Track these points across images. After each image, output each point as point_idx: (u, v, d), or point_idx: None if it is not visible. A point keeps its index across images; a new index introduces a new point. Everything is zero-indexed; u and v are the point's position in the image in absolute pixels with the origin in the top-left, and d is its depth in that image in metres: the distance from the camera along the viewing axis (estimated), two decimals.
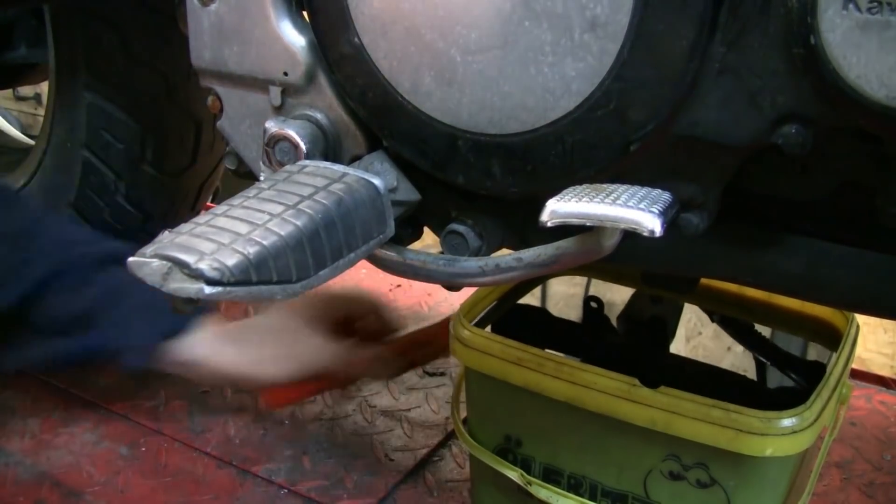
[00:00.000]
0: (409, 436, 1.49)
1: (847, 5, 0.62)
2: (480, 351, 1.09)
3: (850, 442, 1.49)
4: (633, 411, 1.00)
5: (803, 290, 0.86)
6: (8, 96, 3.31)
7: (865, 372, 1.74)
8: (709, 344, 1.30)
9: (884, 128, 0.66)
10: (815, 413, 0.97)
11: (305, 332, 1.20)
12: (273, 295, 0.72)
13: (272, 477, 1.38)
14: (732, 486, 1.00)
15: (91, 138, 1.62)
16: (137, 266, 0.69)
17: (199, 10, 0.92)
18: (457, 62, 0.80)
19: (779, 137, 0.70)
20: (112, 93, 1.60)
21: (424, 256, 0.89)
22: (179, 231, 0.72)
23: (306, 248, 0.74)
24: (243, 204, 0.77)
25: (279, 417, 1.54)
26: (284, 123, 0.88)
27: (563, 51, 0.75)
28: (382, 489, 1.36)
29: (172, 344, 1.18)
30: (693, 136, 0.74)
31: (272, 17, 0.89)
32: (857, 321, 1.16)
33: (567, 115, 0.77)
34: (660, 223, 0.68)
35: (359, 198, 0.80)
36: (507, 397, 1.11)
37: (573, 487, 1.10)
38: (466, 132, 0.83)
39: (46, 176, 1.72)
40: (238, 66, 0.92)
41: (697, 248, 0.87)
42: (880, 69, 0.62)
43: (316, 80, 0.89)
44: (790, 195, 0.82)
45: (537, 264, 0.82)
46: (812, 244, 0.84)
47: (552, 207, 0.71)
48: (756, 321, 1.29)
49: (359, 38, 0.84)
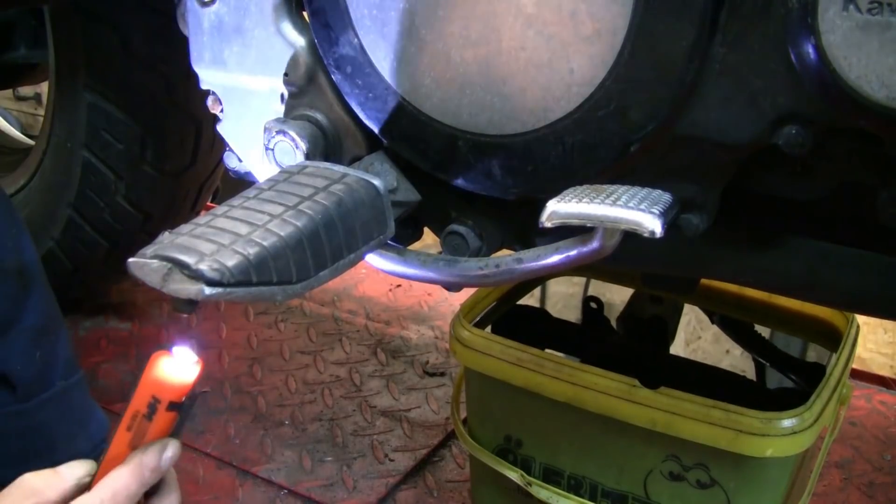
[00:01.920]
0: (409, 436, 1.49)
1: (847, 6, 0.62)
2: (480, 351, 1.09)
3: (850, 442, 1.49)
4: (634, 412, 1.00)
5: (803, 290, 0.86)
6: (8, 96, 3.31)
7: (865, 372, 1.74)
8: (708, 347, 1.30)
9: (884, 128, 0.66)
10: (816, 413, 0.97)
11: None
12: (273, 295, 0.71)
13: (272, 477, 1.39)
14: (732, 486, 1.00)
15: (91, 138, 1.62)
16: (137, 267, 0.68)
17: (199, 10, 0.92)
18: (457, 63, 0.80)
19: (779, 138, 0.70)
20: (112, 93, 1.60)
21: (424, 257, 0.89)
22: (179, 232, 0.72)
23: (306, 249, 0.73)
24: (243, 205, 0.77)
25: (279, 418, 1.54)
26: (284, 124, 0.88)
27: (564, 51, 0.75)
28: (382, 489, 1.36)
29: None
30: (693, 137, 0.74)
31: (272, 18, 0.89)
32: (857, 321, 1.16)
33: (567, 115, 0.77)
34: (660, 224, 0.68)
35: (359, 198, 0.80)
36: (507, 398, 1.11)
37: (573, 488, 1.10)
38: (466, 133, 0.82)
39: (46, 176, 1.72)
40: (238, 66, 0.92)
41: (697, 248, 0.87)
42: (880, 70, 0.62)
43: (316, 80, 0.89)
44: (790, 195, 0.82)
45: (537, 265, 0.81)
46: (812, 245, 0.84)
47: (552, 208, 0.71)
48: (756, 322, 1.29)
49: (359, 39, 0.84)
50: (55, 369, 1.01)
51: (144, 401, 0.74)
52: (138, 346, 1.78)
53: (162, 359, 0.74)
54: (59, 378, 1.01)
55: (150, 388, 0.74)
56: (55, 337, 1.02)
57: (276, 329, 1.84)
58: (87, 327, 1.85)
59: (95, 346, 1.77)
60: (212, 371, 1.67)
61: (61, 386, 1.01)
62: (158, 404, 0.74)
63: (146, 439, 0.75)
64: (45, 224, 1.72)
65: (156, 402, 0.74)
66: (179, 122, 1.67)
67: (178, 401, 0.74)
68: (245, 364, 1.71)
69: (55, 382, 1.00)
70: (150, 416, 0.74)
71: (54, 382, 1.00)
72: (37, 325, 1.00)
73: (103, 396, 1.54)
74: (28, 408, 0.98)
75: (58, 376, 1.01)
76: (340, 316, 1.90)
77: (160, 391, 0.74)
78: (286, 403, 1.58)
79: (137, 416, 0.75)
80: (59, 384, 1.01)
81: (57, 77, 1.66)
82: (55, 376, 1.01)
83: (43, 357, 1.00)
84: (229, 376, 1.67)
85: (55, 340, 1.02)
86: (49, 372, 1.00)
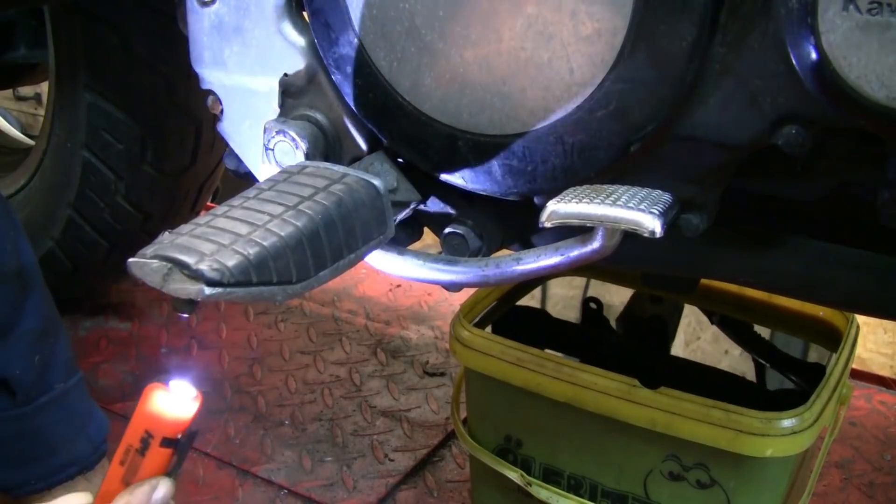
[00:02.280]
0: (409, 436, 1.49)
1: (847, 6, 0.62)
2: (480, 351, 1.09)
3: (850, 442, 1.49)
4: (633, 412, 1.00)
5: (803, 290, 0.86)
6: (8, 96, 3.31)
7: (865, 372, 1.74)
8: (707, 347, 1.30)
9: (884, 128, 0.66)
10: (816, 413, 0.97)
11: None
12: (273, 296, 0.71)
13: (272, 477, 1.39)
14: (732, 486, 1.00)
15: (91, 138, 1.62)
16: (138, 267, 0.68)
17: (199, 10, 0.92)
18: (457, 62, 0.80)
19: (779, 138, 0.70)
20: (112, 93, 1.60)
21: (424, 257, 0.89)
22: (179, 232, 0.72)
23: (306, 249, 0.73)
24: (243, 205, 0.77)
25: (279, 418, 1.54)
26: (284, 124, 0.88)
27: (563, 51, 0.75)
28: (382, 489, 1.36)
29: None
30: (693, 137, 0.74)
31: (272, 18, 0.89)
32: (857, 321, 1.16)
33: (567, 115, 0.77)
34: (660, 224, 0.68)
35: (359, 198, 0.80)
36: (507, 398, 1.11)
37: (573, 488, 1.10)
38: (466, 133, 0.82)
39: (46, 176, 1.72)
40: (238, 66, 0.92)
41: (697, 248, 0.87)
42: (880, 70, 0.62)
43: (316, 80, 0.89)
44: (790, 195, 0.82)
45: (537, 265, 0.81)
46: (812, 245, 0.84)
47: (552, 208, 0.71)
48: (756, 322, 1.29)
49: (359, 39, 0.84)
50: (54, 372, 1.01)
51: (137, 435, 0.71)
52: (138, 346, 1.78)
53: (157, 392, 0.70)
54: (58, 381, 1.01)
55: (143, 422, 0.71)
56: (54, 340, 1.02)
57: (276, 329, 1.84)
58: (87, 327, 1.85)
59: (95, 346, 1.77)
60: (212, 371, 1.67)
61: (60, 389, 1.01)
62: (151, 440, 0.70)
63: (139, 476, 0.71)
64: (45, 224, 1.72)
65: (149, 438, 0.70)
66: (179, 122, 1.67)
67: (173, 437, 0.71)
68: (245, 364, 1.71)
69: (54, 385, 1.00)
70: (142, 451, 0.71)
71: (53, 385, 1.00)
72: (36, 328, 1.00)
73: (103, 396, 1.54)
74: (27, 412, 0.98)
75: (57, 379, 1.01)
76: (340, 316, 1.90)
77: (154, 426, 0.70)
78: (286, 403, 1.58)
79: (130, 451, 0.71)
80: (58, 387, 1.01)
81: (57, 77, 1.66)
82: (54, 379, 1.01)
83: (42, 360, 1.00)
84: (229, 376, 1.66)
85: (54, 343, 1.02)
86: (48, 375, 1.00)
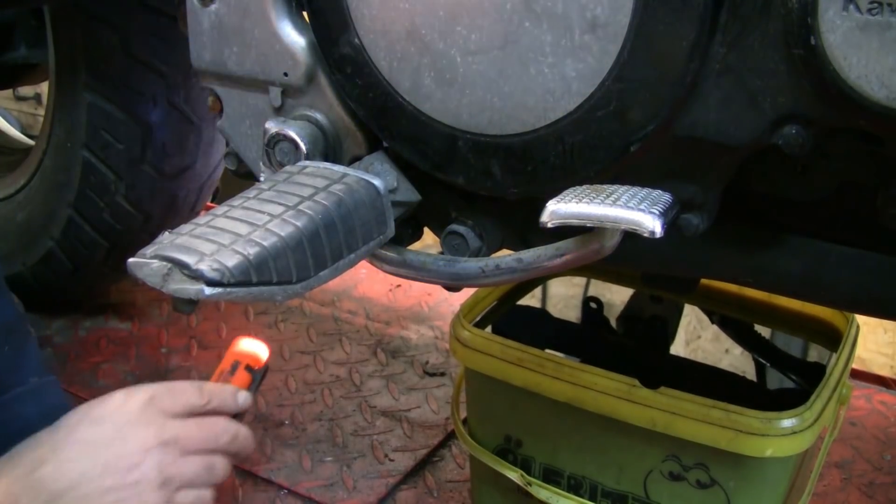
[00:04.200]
0: (409, 436, 1.49)
1: (847, 6, 0.62)
2: (480, 351, 1.09)
3: (850, 442, 1.49)
4: (634, 412, 1.00)
5: (804, 290, 0.86)
6: (8, 96, 3.31)
7: (865, 372, 1.74)
8: (708, 347, 1.30)
9: (884, 128, 0.66)
10: (816, 413, 0.97)
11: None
12: (273, 296, 0.72)
13: (272, 477, 1.38)
14: (732, 486, 1.00)
15: (91, 138, 1.62)
16: (138, 267, 0.69)
17: (199, 10, 0.92)
18: (457, 63, 0.80)
19: (779, 138, 0.70)
20: (112, 93, 1.60)
21: (424, 257, 0.89)
22: (179, 232, 0.72)
23: (306, 249, 0.74)
24: (243, 205, 0.77)
25: (279, 418, 1.54)
26: (284, 124, 0.88)
27: (564, 51, 0.75)
28: (382, 489, 1.36)
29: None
30: (693, 137, 0.74)
31: (272, 18, 0.89)
32: (857, 321, 1.16)
33: (567, 115, 0.77)
34: (660, 224, 0.68)
35: (359, 198, 0.80)
36: (507, 398, 1.11)
37: (573, 488, 1.10)
38: (466, 133, 0.82)
39: (46, 176, 1.72)
40: (238, 66, 0.92)
41: (697, 248, 0.87)
42: (880, 70, 0.62)
43: (316, 80, 0.89)
44: (790, 196, 0.82)
45: (537, 265, 0.82)
46: (812, 245, 0.84)
47: (552, 208, 0.71)
48: (756, 322, 1.29)
49: (359, 39, 0.84)
50: (27, 367, 1.03)
51: (229, 363, 0.97)
52: (138, 346, 1.78)
53: (243, 338, 0.98)
54: (32, 376, 1.03)
55: (234, 355, 0.97)
56: (23, 338, 1.04)
57: (276, 329, 1.84)
58: (87, 327, 1.84)
59: (95, 346, 1.77)
60: (212, 371, 1.66)
61: (35, 383, 1.03)
62: (238, 365, 0.96)
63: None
64: (45, 224, 1.72)
65: (237, 364, 0.96)
66: (179, 122, 1.67)
67: (254, 366, 0.97)
68: None
69: (28, 379, 1.02)
70: (231, 372, 0.96)
71: (28, 379, 1.02)
72: (4, 322, 1.02)
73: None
74: (5, 400, 1.00)
75: (31, 374, 1.03)
76: (340, 316, 1.90)
77: (241, 357, 0.97)
78: (286, 403, 1.58)
79: (223, 373, 0.96)
80: (32, 381, 1.03)
81: (57, 77, 1.66)
82: (28, 374, 1.02)
83: (13, 352, 1.02)
84: None
85: (24, 341, 1.03)
86: (22, 369, 1.02)
